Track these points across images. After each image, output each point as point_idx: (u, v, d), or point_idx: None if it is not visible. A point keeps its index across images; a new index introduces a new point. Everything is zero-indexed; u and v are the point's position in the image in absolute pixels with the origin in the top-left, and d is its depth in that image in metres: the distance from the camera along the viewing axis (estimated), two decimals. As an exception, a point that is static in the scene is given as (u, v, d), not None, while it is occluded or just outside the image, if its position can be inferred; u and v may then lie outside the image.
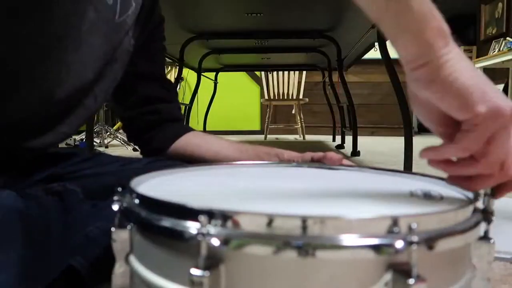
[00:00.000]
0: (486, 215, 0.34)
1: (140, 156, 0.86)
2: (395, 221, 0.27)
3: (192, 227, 0.28)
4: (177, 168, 0.52)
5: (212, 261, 0.27)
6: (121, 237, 0.34)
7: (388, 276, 0.27)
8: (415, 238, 0.26)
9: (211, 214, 0.28)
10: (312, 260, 0.27)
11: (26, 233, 0.45)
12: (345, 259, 0.27)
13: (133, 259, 0.34)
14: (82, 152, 0.73)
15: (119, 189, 0.35)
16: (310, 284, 0.27)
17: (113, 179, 0.60)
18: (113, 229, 0.34)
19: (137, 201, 0.34)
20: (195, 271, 0.26)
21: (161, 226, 0.30)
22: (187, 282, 0.27)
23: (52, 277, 0.46)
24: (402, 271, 0.26)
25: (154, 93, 0.84)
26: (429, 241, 0.28)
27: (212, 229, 0.27)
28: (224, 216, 0.28)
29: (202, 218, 0.27)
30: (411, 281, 0.26)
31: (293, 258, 0.27)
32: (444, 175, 0.43)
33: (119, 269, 0.34)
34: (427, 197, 0.39)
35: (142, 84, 0.82)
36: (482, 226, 0.33)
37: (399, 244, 0.26)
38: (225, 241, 0.27)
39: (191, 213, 0.28)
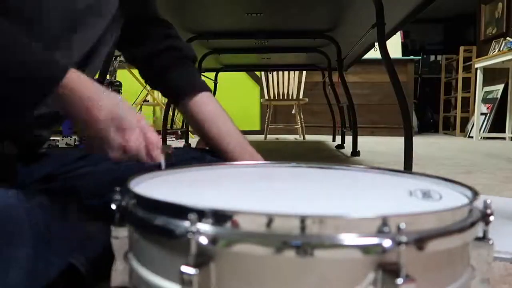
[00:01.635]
0: (484, 215, 0.33)
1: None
2: (384, 221, 0.28)
3: (183, 225, 0.28)
4: (177, 168, 0.52)
5: (203, 259, 0.27)
6: (120, 235, 0.34)
7: (377, 276, 0.27)
8: (403, 238, 0.26)
9: (201, 213, 0.28)
10: (301, 259, 0.27)
11: (31, 232, 0.45)
12: (334, 259, 0.27)
13: (131, 257, 0.34)
14: (80, 151, 0.73)
15: (118, 188, 0.35)
16: (299, 283, 0.27)
17: (109, 177, 0.60)
18: (112, 227, 0.34)
19: (134, 200, 0.35)
20: (185, 269, 0.27)
21: (154, 224, 0.31)
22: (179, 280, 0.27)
23: (52, 275, 0.46)
24: (390, 271, 0.26)
25: (167, 31, 0.82)
26: (419, 241, 0.28)
27: (202, 227, 0.28)
28: (215, 215, 0.28)
29: (192, 216, 0.27)
30: (399, 280, 0.26)
31: (288, 257, 0.27)
32: (444, 175, 0.43)
33: (118, 266, 0.35)
34: (426, 197, 0.39)
35: (152, 26, 0.81)
36: (480, 227, 0.33)
37: (387, 243, 0.27)
38: (213, 240, 0.27)
39: (183, 212, 0.29)
